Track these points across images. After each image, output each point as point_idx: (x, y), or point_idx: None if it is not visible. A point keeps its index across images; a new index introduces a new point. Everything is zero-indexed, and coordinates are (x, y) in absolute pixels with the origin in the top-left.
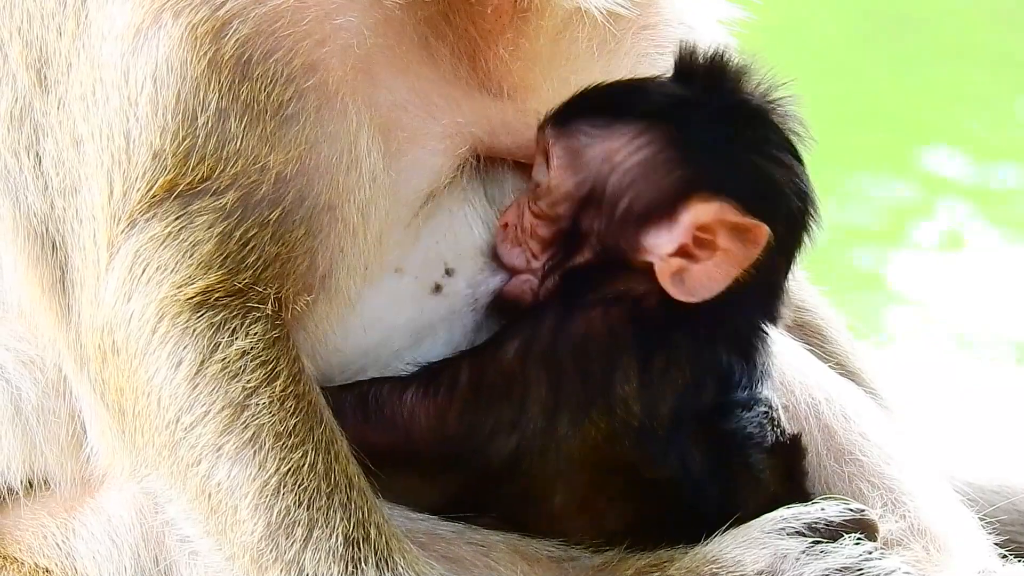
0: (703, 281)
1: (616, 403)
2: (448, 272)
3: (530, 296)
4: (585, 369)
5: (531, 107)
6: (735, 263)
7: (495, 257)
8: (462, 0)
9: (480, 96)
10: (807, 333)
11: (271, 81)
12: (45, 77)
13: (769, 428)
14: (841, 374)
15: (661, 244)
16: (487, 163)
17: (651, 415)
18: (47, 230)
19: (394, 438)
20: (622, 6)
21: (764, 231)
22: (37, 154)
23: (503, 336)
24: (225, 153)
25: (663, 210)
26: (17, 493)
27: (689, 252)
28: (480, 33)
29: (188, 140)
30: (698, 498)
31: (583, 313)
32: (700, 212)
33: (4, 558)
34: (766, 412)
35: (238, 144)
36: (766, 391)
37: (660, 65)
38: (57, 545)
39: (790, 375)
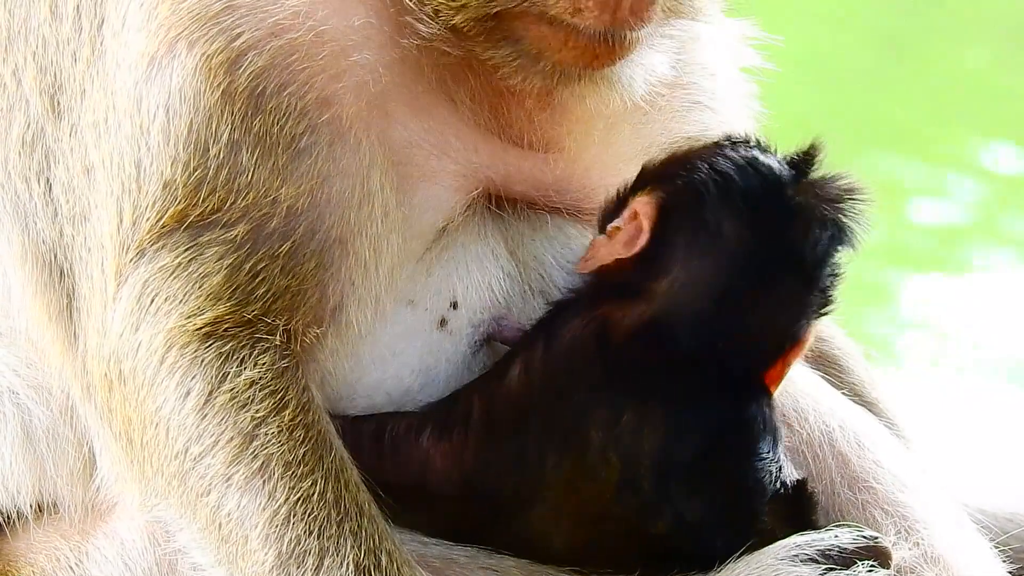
0: (595, 251)
1: (590, 446)
2: (453, 305)
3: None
4: (568, 397)
5: (552, 160)
6: (616, 244)
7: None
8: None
9: (499, 143)
10: (823, 363)
11: (284, 114)
12: (58, 103)
13: (769, 476)
14: (857, 404)
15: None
16: (499, 203)
17: (632, 468)
18: (55, 257)
19: (410, 480)
20: (658, 90)
21: (643, 227)
22: (48, 180)
23: (507, 361)
24: (236, 185)
25: (621, 202)
26: (26, 518)
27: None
28: (507, 85)
29: (199, 171)
30: (700, 546)
31: (564, 333)
32: (638, 201)
33: None
34: (765, 460)
35: (249, 177)
36: (765, 439)
37: (692, 119)
38: (70, 568)
39: (804, 402)
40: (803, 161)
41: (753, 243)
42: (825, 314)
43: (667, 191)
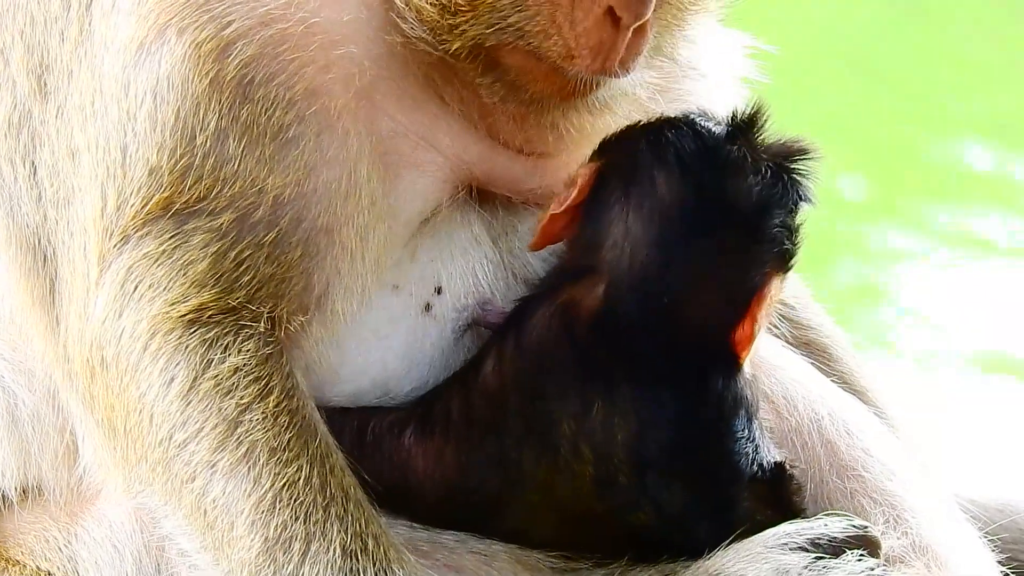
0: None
1: (564, 441)
2: (438, 291)
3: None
4: (539, 391)
5: (541, 166)
6: (553, 205)
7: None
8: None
9: (489, 143)
10: (812, 352)
11: (272, 104)
12: (45, 84)
13: (745, 458)
14: (847, 392)
15: None
16: (482, 195)
17: (606, 461)
18: (39, 241)
19: (391, 478)
20: (650, 99)
21: (576, 184)
22: (33, 163)
23: (481, 356)
24: (223, 174)
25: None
26: (11, 501)
27: None
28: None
29: (185, 159)
30: (682, 535)
31: (532, 324)
32: (580, 168)
33: (6, 560)
34: (740, 439)
35: (236, 166)
36: (738, 415)
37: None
38: (59, 548)
39: (793, 390)
40: (745, 122)
41: (687, 195)
42: (784, 268)
43: (607, 156)
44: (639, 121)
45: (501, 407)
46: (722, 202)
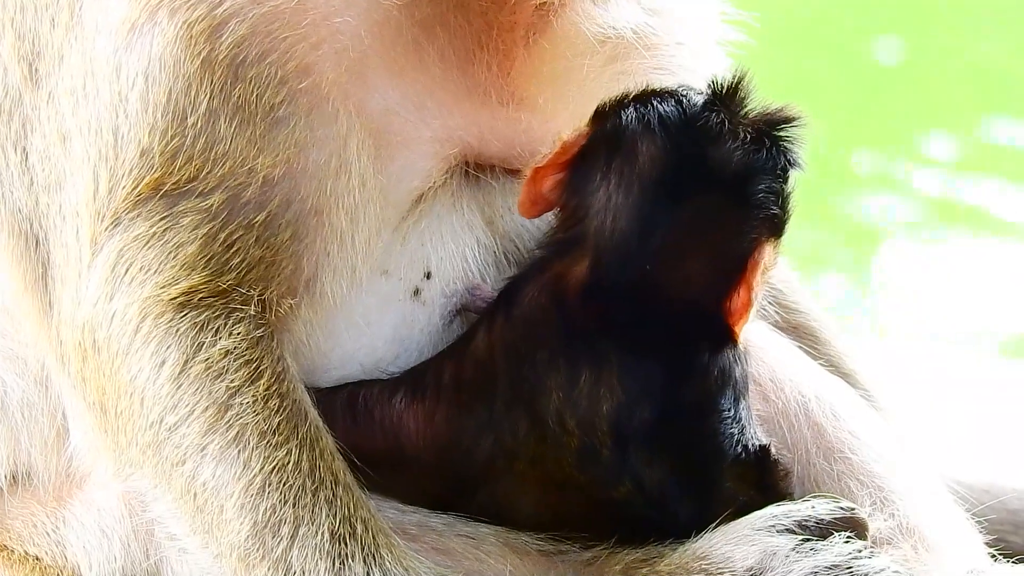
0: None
1: (549, 412)
2: (427, 276)
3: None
4: (527, 362)
5: (525, 118)
6: (536, 160)
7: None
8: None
9: (471, 103)
10: (800, 335)
11: (264, 83)
12: (36, 70)
13: (729, 439)
14: (834, 375)
15: None
16: (477, 169)
17: (590, 433)
18: (31, 226)
19: (383, 444)
20: (632, 53)
21: (562, 143)
22: (24, 149)
23: (473, 328)
24: (213, 154)
25: None
26: (1, 488)
27: None
28: (478, 40)
29: (176, 139)
30: (663, 514)
31: (522, 297)
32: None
33: None
34: (725, 418)
35: (226, 146)
36: (725, 393)
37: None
38: (47, 533)
39: (780, 372)
40: (726, 90)
41: (668, 162)
42: (774, 234)
43: (598, 123)
44: (630, 92)
45: (490, 377)
46: (703, 169)
